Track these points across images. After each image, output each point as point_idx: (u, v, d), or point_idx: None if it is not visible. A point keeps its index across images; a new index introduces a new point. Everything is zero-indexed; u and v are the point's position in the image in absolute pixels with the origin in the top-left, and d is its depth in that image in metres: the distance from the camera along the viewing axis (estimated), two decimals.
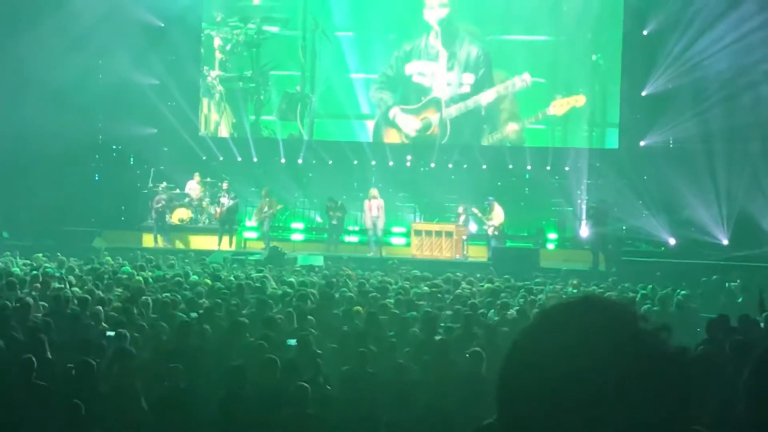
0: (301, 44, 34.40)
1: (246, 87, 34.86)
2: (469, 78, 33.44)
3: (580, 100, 32.94)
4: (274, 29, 34.53)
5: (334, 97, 34.13)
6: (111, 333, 13.16)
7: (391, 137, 34.29)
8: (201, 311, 15.01)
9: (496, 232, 29.78)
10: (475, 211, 30.43)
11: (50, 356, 11.41)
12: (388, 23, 33.83)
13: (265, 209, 30.87)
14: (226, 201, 30.84)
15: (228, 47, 34.88)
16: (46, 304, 15.40)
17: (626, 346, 1.82)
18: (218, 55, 34.95)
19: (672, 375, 1.82)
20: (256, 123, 34.97)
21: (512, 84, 33.16)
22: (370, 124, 34.45)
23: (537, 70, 33.21)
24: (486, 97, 33.36)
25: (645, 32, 32.28)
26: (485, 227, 29.94)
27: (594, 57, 33.22)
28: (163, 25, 34.09)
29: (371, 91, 34.05)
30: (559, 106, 32.95)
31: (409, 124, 33.96)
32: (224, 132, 35.17)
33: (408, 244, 30.47)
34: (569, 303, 1.95)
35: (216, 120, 35.20)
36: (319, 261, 26.94)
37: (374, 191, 30.78)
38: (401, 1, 34.05)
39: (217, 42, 34.86)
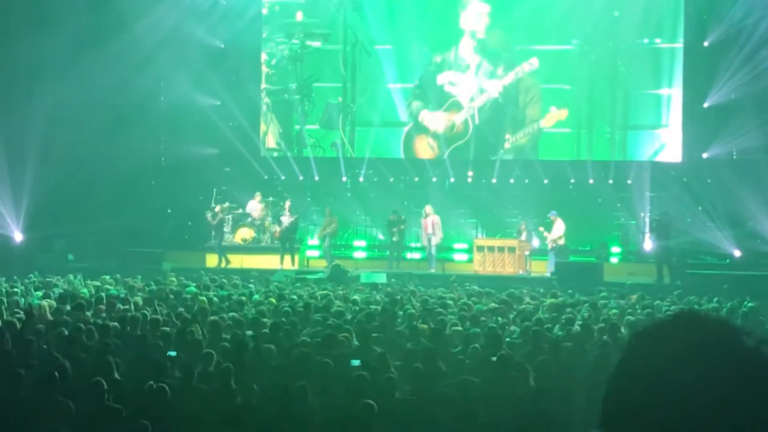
0: (342, 58, 35.20)
1: (291, 99, 35.78)
2: (496, 85, 33.85)
3: (562, 114, 33.31)
4: (317, 44, 35.43)
5: (374, 106, 34.77)
6: (173, 353, 13.23)
7: (422, 143, 34.84)
8: (265, 330, 15.06)
9: (555, 245, 29.58)
10: (541, 229, 30.43)
11: (117, 377, 11.48)
12: (424, 36, 34.42)
13: (327, 229, 31.06)
14: (285, 220, 30.97)
15: (273, 62, 35.79)
16: (114, 324, 15.47)
17: (731, 360, 1.84)
18: (264, 69, 35.84)
19: None
20: (300, 132, 35.72)
21: (521, 69, 33.54)
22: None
23: (565, 78, 33.57)
24: (497, 87, 33.87)
25: (706, 43, 32.05)
26: (547, 242, 29.84)
27: (618, 63, 33.48)
28: (223, 46, 34.64)
29: (407, 101, 34.79)
30: (549, 119, 33.50)
31: (438, 123, 34.50)
32: (271, 142, 36.01)
33: (470, 260, 30.35)
34: (670, 320, 1.97)
35: (263, 130, 35.93)
36: (382, 278, 26.91)
37: (428, 208, 30.74)
38: (436, 14, 34.54)
39: (263, 57, 35.69)
